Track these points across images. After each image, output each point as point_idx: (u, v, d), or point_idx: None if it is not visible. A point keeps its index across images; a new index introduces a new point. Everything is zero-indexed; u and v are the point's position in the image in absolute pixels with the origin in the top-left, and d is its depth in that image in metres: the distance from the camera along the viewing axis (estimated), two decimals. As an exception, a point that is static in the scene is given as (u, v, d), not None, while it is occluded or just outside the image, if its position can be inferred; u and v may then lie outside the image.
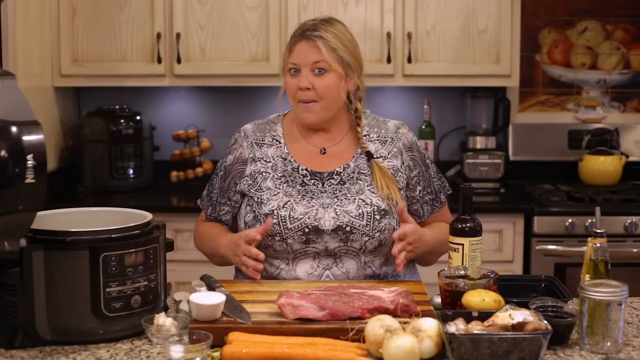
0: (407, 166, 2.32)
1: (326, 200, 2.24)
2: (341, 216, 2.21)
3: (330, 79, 2.23)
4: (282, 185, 2.26)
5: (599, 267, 1.91)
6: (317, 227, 2.20)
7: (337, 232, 2.20)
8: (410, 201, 2.34)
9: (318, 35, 2.21)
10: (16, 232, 1.71)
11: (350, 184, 2.26)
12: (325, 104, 2.25)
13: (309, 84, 2.22)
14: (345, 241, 2.21)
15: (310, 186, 2.26)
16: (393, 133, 2.34)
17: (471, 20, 3.81)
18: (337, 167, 2.28)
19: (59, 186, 3.84)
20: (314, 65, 2.22)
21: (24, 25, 3.42)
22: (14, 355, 1.76)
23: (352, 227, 2.20)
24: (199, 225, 2.42)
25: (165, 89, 4.14)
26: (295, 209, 2.22)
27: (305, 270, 2.23)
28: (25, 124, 1.67)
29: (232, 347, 1.69)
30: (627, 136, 4.14)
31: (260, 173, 2.29)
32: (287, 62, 2.26)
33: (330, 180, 2.26)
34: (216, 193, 2.36)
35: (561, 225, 3.58)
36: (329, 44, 2.21)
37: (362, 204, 2.23)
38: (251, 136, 2.34)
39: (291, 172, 2.28)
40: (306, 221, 2.21)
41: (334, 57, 2.22)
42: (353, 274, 2.24)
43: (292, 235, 2.21)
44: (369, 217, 2.21)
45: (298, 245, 2.21)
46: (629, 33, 4.19)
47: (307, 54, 2.22)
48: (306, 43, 2.22)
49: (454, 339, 1.65)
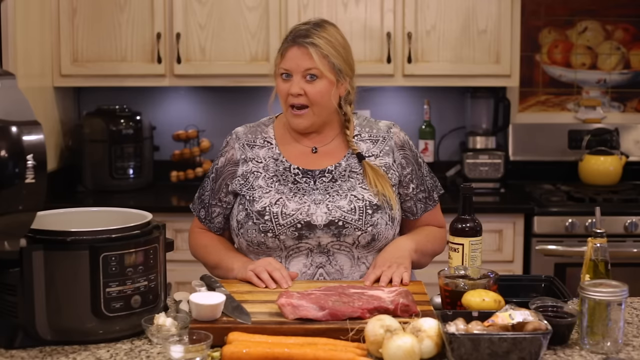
0: (399, 164, 2.32)
1: (318, 197, 2.24)
2: (333, 211, 2.21)
3: (321, 86, 2.23)
4: (274, 183, 2.27)
5: (599, 267, 1.91)
6: (310, 222, 2.20)
7: (329, 227, 2.20)
8: (404, 199, 2.34)
9: (310, 42, 2.21)
10: (16, 232, 1.71)
11: (342, 181, 2.27)
12: (316, 109, 2.25)
13: (300, 90, 2.22)
14: (338, 236, 2.21)
15: (302, 184, 2.26)
16: (384, 132, 2.35)
17: (471, 20, 3.81)
18: (328, 166, 2.29)
19: (59, 186, 3.84)
20: (306, 72, 2.22)
21: (24, 25, 3.42)
22: (14, 355, 1.76)
23: (345, 222, 2.20)
24: (199, 237, 2.39)
25: (165, 89, 4.14)
26: (287, 205, 2.22)
27: (298, 269, 2.23)
28: (25, 124, 1.67)
29: (232, 347, 1.69)
30: (627, 136, 4.14)
31: (252, 172, 2.29)
32: (279, 67, 2.26)
33: (322, 178, 2.27)
34: (207, 195, 2.36)
35: (561, 225, 3.58)
36: (321, 51, 2.21)
37: (354, 199, 2.23)
38: (242, 138, 2.34)
39: (283, 172, 2.28)
40: (298, 217, 2.21)
41: (325, 64, 2.21)
42: (347, 270, 2.23)
43: (284, 232, 2.20)
44: (360, 211, 2.22)
45: (291, 241, 2.21)
46: (629, 33, 4.19)
47: (298, 60, 2.22)
48: (298, 49, 2.22)
49: (454, 339, 1.65)
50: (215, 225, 2.37)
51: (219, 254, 2.31)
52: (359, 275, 2.24)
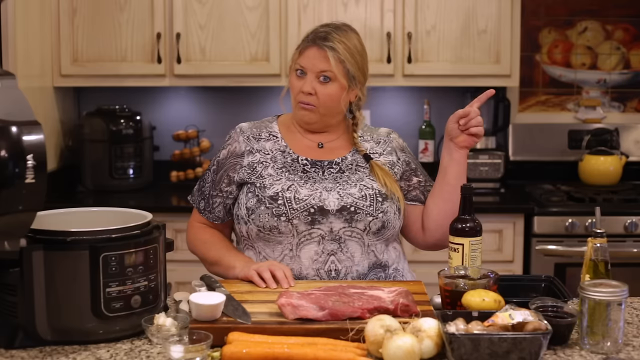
0: (403, 161, 2.38)
1: (329, 185, 2.27)
2: (345, 197, 2.25)
3: (333, 89, 2.26)
4: (284, 172, 2.29)
5: (599, 267, 1.91)
6: (322, 207, 2.22)
7: (342, 212, 2.23)
8: (407, 190, 2.37)
9: (329, 46, 2.24)
10: (16, 232, 1.71)
11: (349, 173, 2.31)
12: (324, 110, 2.29)
13: (312, 89, 2.26)
14: (350, 221, 2.23)
15: (312, 173, 2.29)
16: (385, 137, 2.41)
17: (471, 20, 3.82)
18: (335, 158, 2.32)
19: (59, 186, 3.84)
20: (320, 73, 2.26)
21: (24, 25, 3.42)
22: (14, 355, 1.76)
23: (357, 207, 2.23)
24: (198, 231, 2.40)
25: (165, 89, 4.14)
26: (299, 191, 2.25)
27: (309, 256, 2.23)
28: (25, 124, 1.67)
29: (232, 347, 1.69)
30: (627, 136, 4.14)
31: (260, 162, 2.31)
32: (296, 62, 2.30)
33: (330, 169, 2.31)
34: (208, 187, 2.37)
35: (561, 225, 3.58)
36: (338, 56, 2.24)
37: (364, 187, 2.27)
38: (247, 131, 2.36)
39: (291, 163, 2.31)
40: (311, 202, 2.23)
41: (340, 69, 2.25)
42: (357, 258, 2.24)
43: (297, 216, 2.22)
44: (371, 198, 2.25)
45: (303, 226, 2.22)
46: (629, 33, 4.19)
47: (315, 60, 2.25)
48: (317, 50, 2.25)
49: (454, 339, 1.65)
50: (215, 215, 2.37)
51: (219, 251, 2.31)
52: (368, 263, 2.25)
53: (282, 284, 2.09)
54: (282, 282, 2.09)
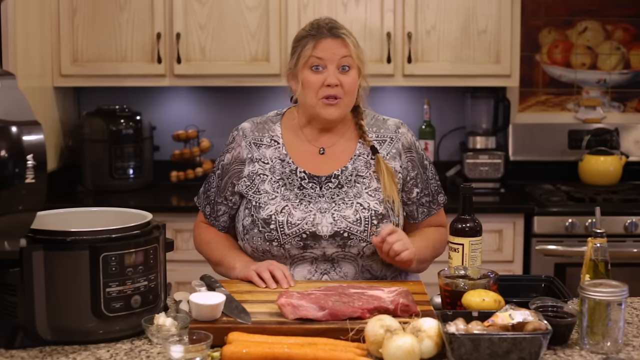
0: (404, 168, 2.32)
1: (324, 205, 2.24)
2: (339, 222, 2.21)
3: (353, 76, 2.27)
4: (280, 188, 2.26)
5: (599, 267, 1.91)
6: (315, 232, 2.20)
7: (334, 238, 2.21)
8: (406, 203, 2.34)
9: (343, 33, 2.26)
10: (16, 232, 1.71)
11: (348, 187, 2.26)
12: (348, 100, 2.28)
13: (337, 80, 2.23)
14: (343, 247, 2.21)
15: (308, 189, 2.26)
16: (392, 132, 2.34)
17: (471, 20, 3.81)
18: (335, 170, 2.28)
19: (59, 186, 3.84)
20: (341, 62, 2.24)
21: (24, 25, 3.42)
22: (14, 355, 1.76)
23: (350, 233, 2.20)
24: (203, 231, 2.39)
25: (165, 89, 4.14)
26: (292, 214, 2.22)
27: (303, 275, 2.23)
28: (25, 124, 1.67)
29: (232, 347, 1.69)
30: (627, 136, 4.14)
31: (259, 175, 2.29)
32: (311, 56, 2.24)
33: (328, 184, 2.27)
34: (213, 192, 2.36)
35: (561, 225, 3.58)
36: (353, 41, 2.26)
37: (360, 208, 2.23)
38: (249, 136, 2.34)
39: (289, 175, 2.28)
40: (304, 227, 2.21)
41: (357, 55, 2.27)
42: (351, 278, 2.24)
43: (289, 241, 2.21)
44: (366, 222, 2.21)
45: (296, 250, 2.22)
46: (629, 33, 4.19)
47: (334, 49, 2.24)
48: (333, 40, 2.25)
49: (454, 339, 1.65)
50: (220, 224, 2.37)
51: (221, 251, 2.31)
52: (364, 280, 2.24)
53: (282, 284, 2.09)
54: (281, 282, 2.10)
